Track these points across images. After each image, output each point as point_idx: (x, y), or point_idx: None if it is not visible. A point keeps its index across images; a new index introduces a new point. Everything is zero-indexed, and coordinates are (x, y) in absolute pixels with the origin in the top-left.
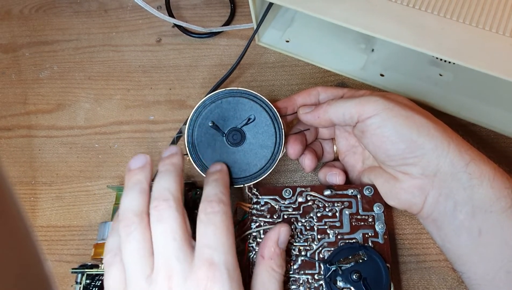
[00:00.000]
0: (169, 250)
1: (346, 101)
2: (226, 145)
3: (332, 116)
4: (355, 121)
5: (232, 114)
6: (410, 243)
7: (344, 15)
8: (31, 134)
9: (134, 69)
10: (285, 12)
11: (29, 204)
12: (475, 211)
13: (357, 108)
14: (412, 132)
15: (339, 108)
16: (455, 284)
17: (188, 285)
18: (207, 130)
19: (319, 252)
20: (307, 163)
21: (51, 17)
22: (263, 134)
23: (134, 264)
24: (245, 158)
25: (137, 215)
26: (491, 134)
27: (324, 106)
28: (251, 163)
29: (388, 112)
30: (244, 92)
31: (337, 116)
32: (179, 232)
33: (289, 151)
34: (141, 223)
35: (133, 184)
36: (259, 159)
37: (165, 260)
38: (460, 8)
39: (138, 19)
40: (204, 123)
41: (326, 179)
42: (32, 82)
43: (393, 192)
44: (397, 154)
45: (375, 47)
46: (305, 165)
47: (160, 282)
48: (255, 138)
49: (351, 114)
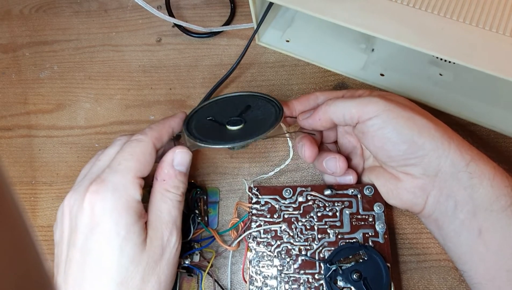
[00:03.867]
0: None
1: (346, 101)
2: (228, 129)
3: (332, 116)
4: (355, 122)
5: (229, 110)
6: (410, 242)
7: (344, 15)
8: (31, 134)
9: (134, 69)
10: (285, 12)
11: (29, 204)
12: (476, 210)
13: (357, 109)
14: (413, 133)
15: (339, 108)
16: (455, 284)
17: (80, 201)
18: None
19: (319, 252)
20: (307, 154)
21: (51, 17)
22: (262, 109)
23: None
24: (249, 127)
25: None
26: (491, 134)
27: (323, 107)
28: (256, 126)
29: (389, 114)
30: (232, 95)
31: (337, 116)
32: (124, 159)
33: (306, 154)
34: (115, 143)
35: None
36: (264, 120)
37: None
38: (460, 8)
39: (138, 19)
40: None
41: (324, 165)
42: (32, 82)
43: (395, 192)
44: (398, 155)
45: (375, 47)
46: (306, 156)
47: (76, 190)
48: (255, 116)
49: (351, 114)
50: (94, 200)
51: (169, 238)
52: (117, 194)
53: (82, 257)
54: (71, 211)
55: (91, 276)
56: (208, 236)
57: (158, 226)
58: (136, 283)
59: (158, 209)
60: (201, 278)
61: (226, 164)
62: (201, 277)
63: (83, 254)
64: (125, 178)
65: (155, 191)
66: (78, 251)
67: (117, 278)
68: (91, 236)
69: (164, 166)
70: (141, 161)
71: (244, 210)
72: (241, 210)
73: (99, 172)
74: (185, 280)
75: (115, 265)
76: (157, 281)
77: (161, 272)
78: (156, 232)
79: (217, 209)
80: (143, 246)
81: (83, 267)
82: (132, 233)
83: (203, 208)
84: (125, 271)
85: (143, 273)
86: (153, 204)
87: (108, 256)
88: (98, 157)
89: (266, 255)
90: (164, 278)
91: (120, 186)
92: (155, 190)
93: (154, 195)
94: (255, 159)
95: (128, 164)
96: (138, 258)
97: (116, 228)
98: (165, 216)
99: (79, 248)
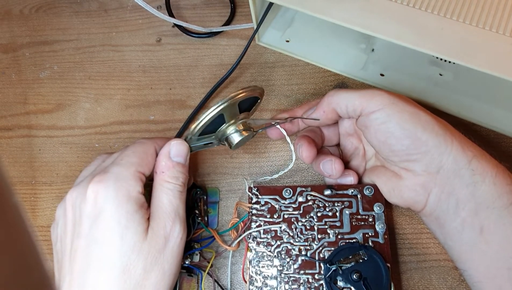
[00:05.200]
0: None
1: (350, 92)
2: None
3: (336, 106)
4: (358, 114)
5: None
6: (410, 242)
7: (344, 15)
8: (31, 134)
9: (134, 69)
10: (285, 12)
11: (29, 204)
12: (478, 208)
13: (361, 101)
14: (417, 128)
15: (342, 98)
16: (455, 284)
17: (84, 194)
18: None
19: (319, 252)
20: (305, 155)
21: (51, 17)
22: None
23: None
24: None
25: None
26: (491, 133)
27: (327, 98)
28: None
29: (393, 107)
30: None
31: (341, 106)
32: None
33: (304, 154)
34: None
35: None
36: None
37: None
38: (460, 8)
39: (138, 19)
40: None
41: (321, 167)
42: (32, 82)
43: (396, 190)
44: (401, 149)
45: (375, 47)
46: (304, 156)
47: (79, 185)
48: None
49: (355, 106)
50: (97, 188)
51: (172, 228)
52: (118, 183)
53: (87, 246)
54: (74, 204)
55: (95, 264)
56: (208, 236)
57: (160, 216)
58: (138, 271)
59: (159, 201)
60: (201, 278)
61: (226, 164)
62: (201, 277)
63: (88, 243)
64: (127, 170)
65: (155, 185)
66: (83, 240)
67: (120, 266)
68: (94, 225)
69: (162, 159)
70: (143, 158)
71: (244, 210)
72: (241, 210)
73: (101, 169)
74: (185, 280)
75: (117, 253)
76: (160, 271)
77: (164, 262)
78: (158, 222)
79: (217, 209)
80: (144, 235)
81: (88, 255)
82: (132, 221)
83: (203, 208)
84: (127, 259)
85: (144, 262)
86: (154, 197)
87: (110, 243)
88: (101, 159)
89: (266, 255)
90: (168, 267)
91: (122, 177)
92: (155, 183)
93: (154, 189)
94: (255, 159)
95: (130, 159)
96: (139, 247)
97: (117, 216)
98: (166, 206)
99: (84, 237)
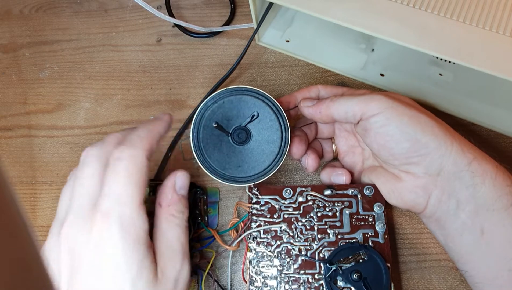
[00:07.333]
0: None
1: (350, 99)
2: (233, 144)
3: (334, 112)
4: (357, 119)
5: (236, 113)
6: (411, 242)
7: (344, 15)
8: (31, 134)
9: (134, 69)
10: (285, 12)
11: (29, 204)
12: (478, 209)
13: (361, 106)
14: (417, 131)
15: (342, 105)
16: (455, 284)
17: (83, 236)
18: (212, 131)
19: (319, 252)
20: (311, 163)
21: (51, 17)
22: (269, 129)
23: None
24: (253, 155)
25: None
26: (491, 133)
27: (327, 102)
28: (259, 160)
29: (393, 111)
30: (245, 89)
31: (339, 113)
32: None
33: (294, 151)
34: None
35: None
36: (267, 155)
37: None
38: (460, 8)
39: (138, 19)
40: (208, 124)
41: (331, 180)
42: (32, 82)
43: (396, 192)
44: (401, 153)
45: (375, 47)
46: (309, 165)
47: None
48: (260, 135)
49: (354, 112)
50: (100, 237)
51: (182, 268)
52: (125, 229)
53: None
54: (72, 249)
55: None
56: (208, 236)
57: (169, 256)
58: None
59: (166, 238)
60: (201, 278)
61: None
62: (201, 277)
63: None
64: (131, 209)
65: (160, 218)
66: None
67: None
68: (99, 276)
69: (167, 191)
70: (140, 184)
71: (244, 210)
72: (241, 210)
73: (90, 202)
74: None
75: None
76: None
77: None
78: (167, 262)
79: (217, 209)
80: (155, 281)
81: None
82: (144, 268)
83: (203, 208)
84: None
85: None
86: (160, 232)
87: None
88: (77, 182)
89: (266, 255)
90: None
91: (127, 219)
92: (161, 217)
93: (160, 222)
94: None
95: (129, 192)
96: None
97: (126, 267)
98: (174, 245)
99: (85, 288)
